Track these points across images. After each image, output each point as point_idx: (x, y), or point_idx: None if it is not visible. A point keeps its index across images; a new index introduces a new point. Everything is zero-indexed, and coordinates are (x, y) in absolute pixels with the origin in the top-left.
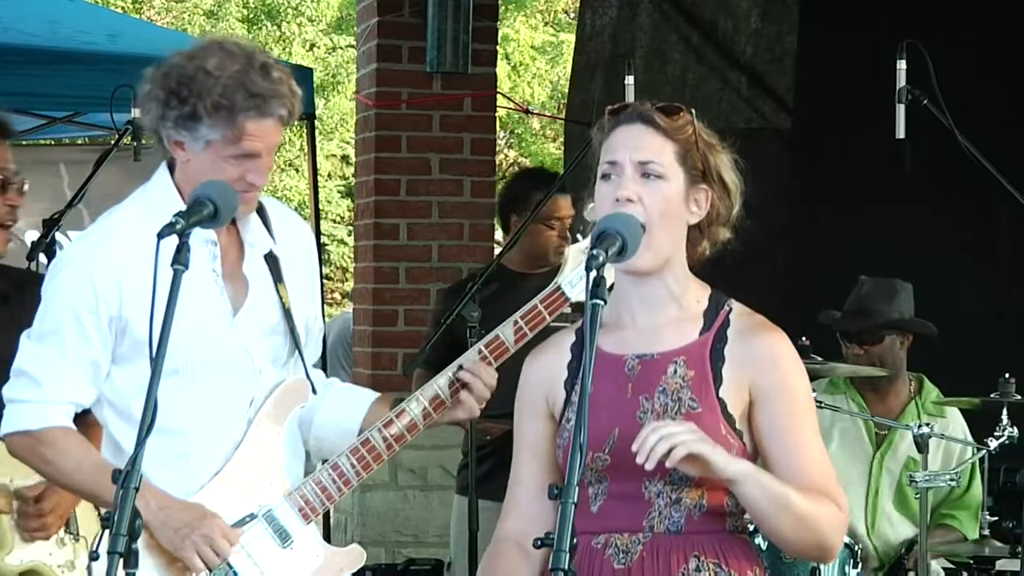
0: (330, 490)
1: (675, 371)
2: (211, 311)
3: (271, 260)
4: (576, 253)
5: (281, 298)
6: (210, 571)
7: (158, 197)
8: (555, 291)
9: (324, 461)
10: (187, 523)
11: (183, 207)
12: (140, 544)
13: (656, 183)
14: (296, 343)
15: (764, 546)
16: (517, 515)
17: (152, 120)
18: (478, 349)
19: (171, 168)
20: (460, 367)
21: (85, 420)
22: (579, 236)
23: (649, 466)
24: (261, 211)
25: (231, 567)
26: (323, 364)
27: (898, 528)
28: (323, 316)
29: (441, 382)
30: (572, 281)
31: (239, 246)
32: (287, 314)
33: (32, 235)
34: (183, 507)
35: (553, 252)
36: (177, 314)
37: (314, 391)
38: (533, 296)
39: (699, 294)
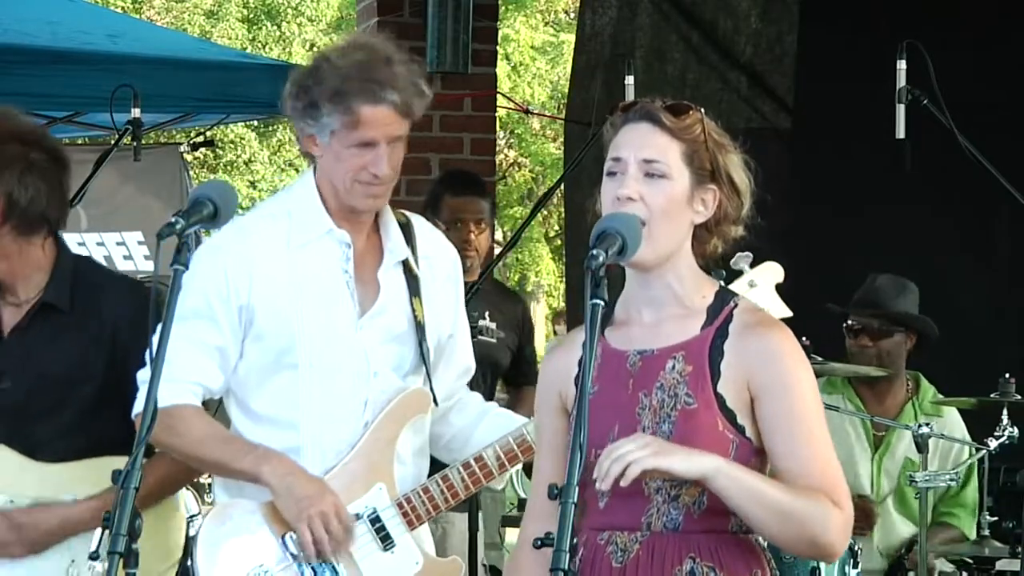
0: (437, 500)
1: (673, 366)
2: (337, 310)
3: (409, 274)
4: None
5: (414, 311)
6: (316, 552)
7: (298, 193)
8: None
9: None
10: (309, 495)
11: (320, 206)
12: (247, 506)
13: (659, 182)
14: (424, 356)
15: (765, 544)
16: (539, 514)
17: (292, 118)
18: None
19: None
20: None
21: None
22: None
23: (604, 487)
24: (407, 226)
25: (331, 563)
26: None
27: (899, 528)
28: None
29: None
30: None
31: (378, 252)
32: (419, 327)
33: None
34: (308, 479)
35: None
36: (303, 310)
37: (435, 403)
38: None
39: (706, 291)
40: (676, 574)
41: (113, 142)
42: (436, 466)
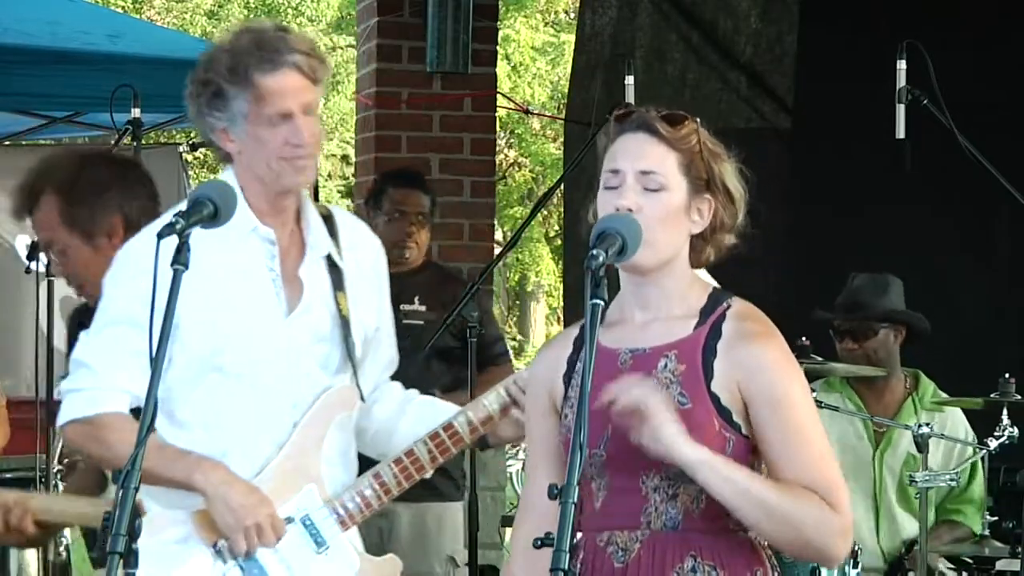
0: (370, 498)
1: (666, 365)
2: (264, 310)
3: (333, 268)
4: None
5: (339, 306)
6: (243, 563)
7: None
8: None
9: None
10: (244, 505)
11: (243, 203)
12: (184, 515)
13: (657, 194)
14: (350, 352)
15: (765, 542)
16: (532, 516)
17: (198, 122)
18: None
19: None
20: (512, 383)
21: None
22: None
23: (607, 399)
24: (329, 219)
25: (263, 568)
26: None
27: (904, 525)
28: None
29: (491, 399)
30: None
31: (300, 248)
32: (344, 323)
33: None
34: (244, 487)
35: (396, 245)
36: (229, 312)
37: (362, 399)
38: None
39: (700, 293)
40: (678, 572)
41: (113, 142)
42: (363, 462)
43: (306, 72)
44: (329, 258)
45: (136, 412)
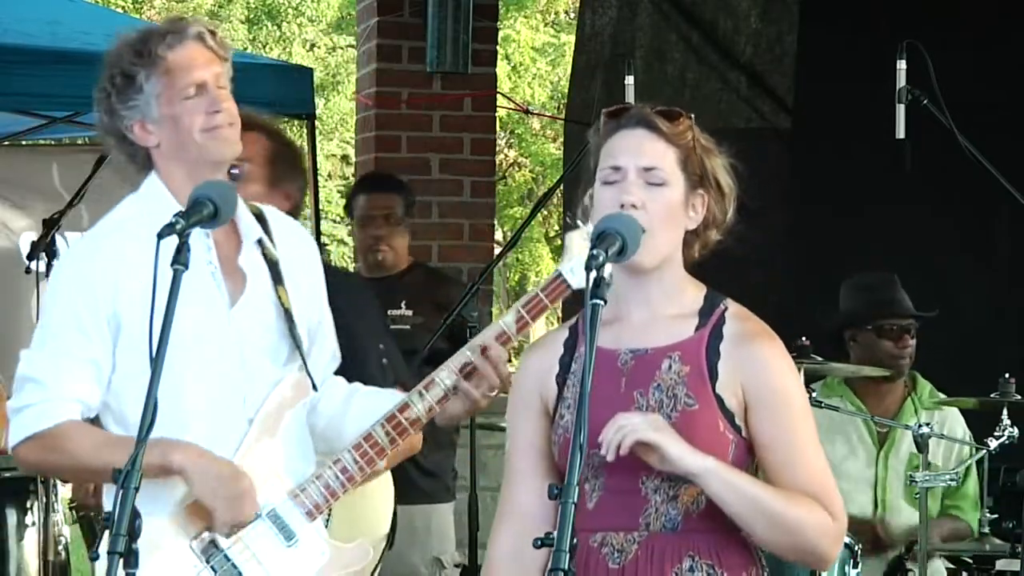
0: (334, 487)
1: (670, 366)
2: (206, 304)
3: (270, 262)
4: (576, 239)
5: (280, 299)
6: (227, 535)
7: (146, 193)
8: (556, 278)
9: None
10: (224, 475)
11: (171, 200)
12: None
13: (659, 189)
14: (297, 344)
15: None
16: (514, 521)
17: (109, 126)
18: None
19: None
20: (467, 354)
21: None
22: (579, 222)
23: (610, 457)
24: (260, 217)
25: (235, 567)
26: None
27: (910, 519)
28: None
29: (443, 375)
30: (573, 268)
31: (236, 240)
32: (287, 315)
33: (29, 236)
34: (220, 460)
35: (369, 249)
36: (161, 310)
37: (314, 388)
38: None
39: (695, 294)
40: (676, 573)
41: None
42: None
43: (211, 46)
44: (264, 249)
45: (92, 422)
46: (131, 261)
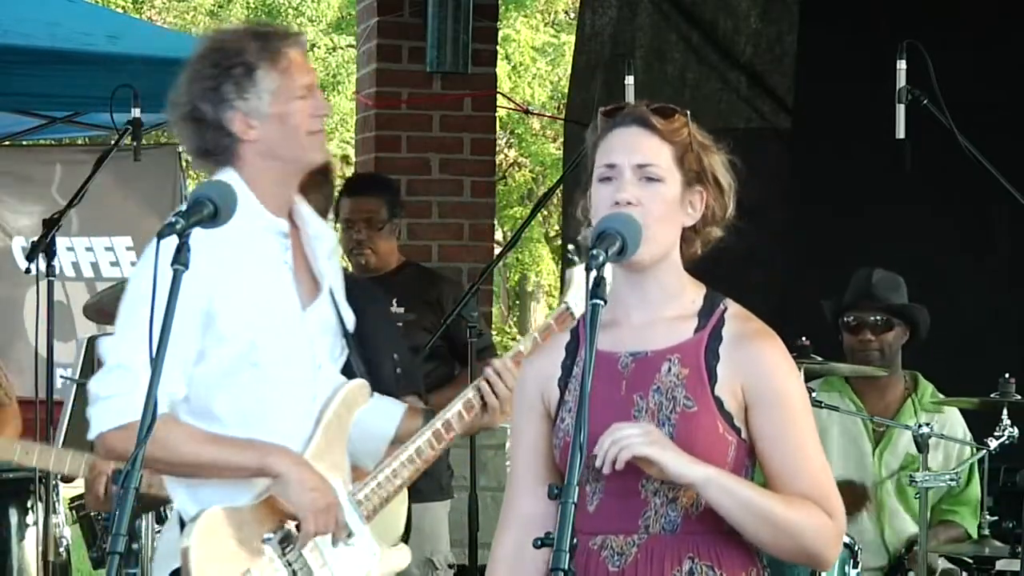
0: (388, 492)
1: (669, 369)
2: (284, 304)
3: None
4: (576, 275)
5: (335, 299)
6: (290, 557)
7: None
8: (564, 311)
9: (376, 465)
10: (318, 488)
11: (252, 198)
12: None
13: (655, 186)
14: (348, 343)
15: None
16: (516, 523)
17: (207, 112)
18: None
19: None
20: (490, 372)
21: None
22: (576, 259)
23: (605, 471)
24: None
25: (307, 564)
26: None
27: (903, 522)
28: None
29: (471, 392)
30: (577, 302)
31: (299, 240)
32: (340, 316)
33: (27, 236)
34: (314, 470)
35: (352, 253)
36: (260, 306)
37: (372, 393)
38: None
39: (694, 294)
40: (676, 575)
41: (113, 142)
42: None
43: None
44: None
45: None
46: (222, 256)
